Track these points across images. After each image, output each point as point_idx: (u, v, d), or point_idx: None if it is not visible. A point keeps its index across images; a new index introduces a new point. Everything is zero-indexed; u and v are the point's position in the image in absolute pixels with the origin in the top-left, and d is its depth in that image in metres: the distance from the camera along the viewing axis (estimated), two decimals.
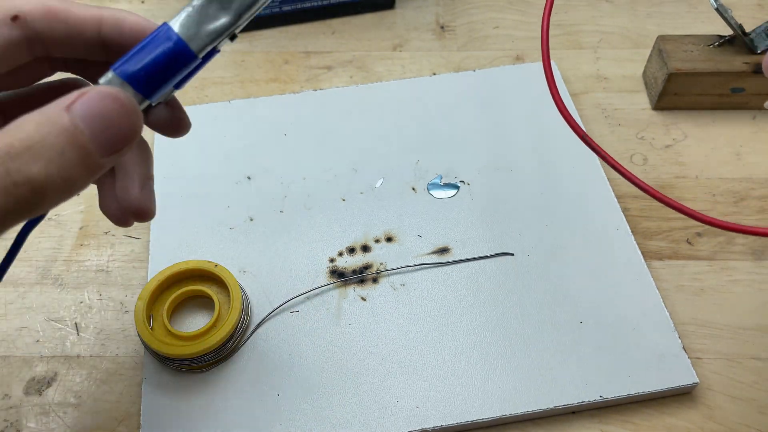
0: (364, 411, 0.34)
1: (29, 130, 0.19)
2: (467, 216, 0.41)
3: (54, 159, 0.20)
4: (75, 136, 0.20)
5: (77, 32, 0.24)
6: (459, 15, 0.55)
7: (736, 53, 0.45)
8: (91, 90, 0.21)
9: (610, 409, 0.35)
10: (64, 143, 0.20)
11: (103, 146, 0.21)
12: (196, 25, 0.23)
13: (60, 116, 0.20)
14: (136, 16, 0.25)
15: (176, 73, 0.23)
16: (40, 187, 0.19)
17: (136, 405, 0.35)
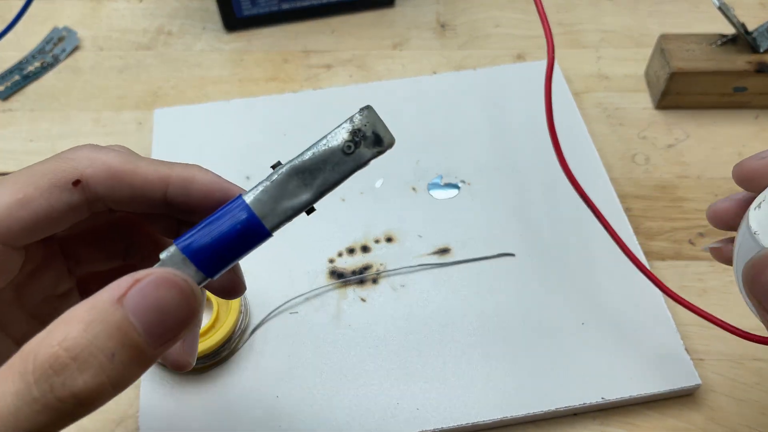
0: (364, 413, 0.34)
1: (76, 335, 0.17)
2: (468, 216, 0.41)
3: (104, 365, 0.18)
4: (128, 334, 0.18)
5: (141, 194, 0.23)
6: (459, 13, 0.54)
7: (738, 52, 0.45)
8: (145, 277, 0.19)
9: (612, 411, 0.35)
10: (116, 345, 0.18)
11: (158, 339, 0.19)
12: (272, 201, 0.21)
13: (112, 312, 0.18)
14: (206, 174, 0.24)
15: (245, 251, 0.21)
16: (87, 399, 0.18)
17: (134, 407, 0.35)
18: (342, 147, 0.21)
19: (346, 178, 0.22)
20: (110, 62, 0.51)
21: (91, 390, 0.18)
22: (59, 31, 0.53)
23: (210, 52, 0.52)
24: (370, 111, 0.21)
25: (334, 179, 0.22)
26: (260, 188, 0.21)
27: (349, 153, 0.21)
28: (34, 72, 0.51)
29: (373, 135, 0.21)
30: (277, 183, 0.21)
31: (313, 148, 0.21)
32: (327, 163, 0.21)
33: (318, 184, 0.21)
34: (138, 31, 0.53)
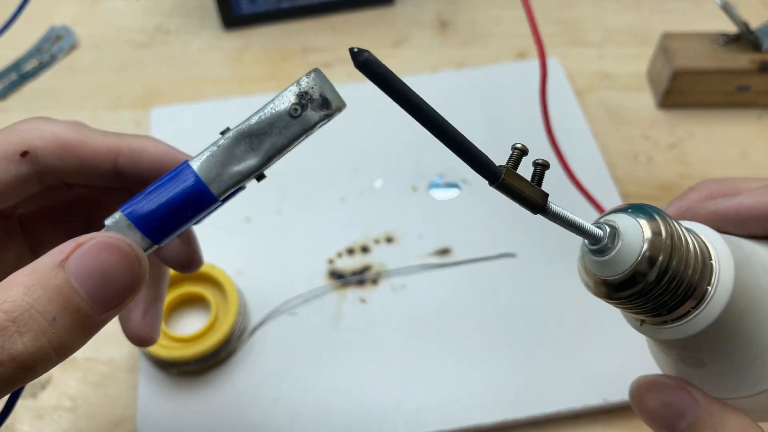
0: (363, 415, 0.33)
1: (16, 298, 0.17)
2: (468, 216, 0.41)
3: (45, 329, 0.17)
4: (70, 298, 0.18)
5: (91, 165, 0.23)
6: (460, 11, 0.54)
7: (741, 51, 0.44)
8: (88, 240, 0.19)
9: (615, 413, 0.34)
10: (57, 308, 0.18)
11: (103, 304, 0.19)
12: (219, 166, 0.21)
13: (53, 275, 0.18)
14: (158, 144, 0.23)
15: (192, 217, 0.21)
16: (28, 362, 0.17)
17: (132, 409, 0.35)
18: (289, 110, 0.21)
19: (294, 142, 0.21)
20: (107, 61, 0.51)
21: (31, 353, 0.17)
22: (56, 29, 0.52)
23: (208, 50, 0.52)
24: (318, 73, 0.21)
25: (281, 143, 0.21)
26: (207, 154, 0.21)
27: (296, 116, 0.21)
28: (31, 71, 0.50)
29: (320, 98, 0.21)
30: (224, 148, 0.21)
31: (260, 112, 0.21)
32: (274, 127, 0.21)
33: (265, 149, 0.21)
34: (135, 30, 0.53)
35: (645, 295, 0.18)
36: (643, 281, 0.18)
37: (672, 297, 0.18)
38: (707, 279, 0.19)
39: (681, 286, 0.18)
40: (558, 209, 0.20)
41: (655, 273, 0.18)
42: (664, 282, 0.18)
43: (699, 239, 0.19)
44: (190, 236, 0.26)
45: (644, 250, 0.18)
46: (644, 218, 0.18)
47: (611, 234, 0.19)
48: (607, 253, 0.19)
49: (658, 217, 0.18)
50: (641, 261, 0.18)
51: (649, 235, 0.18)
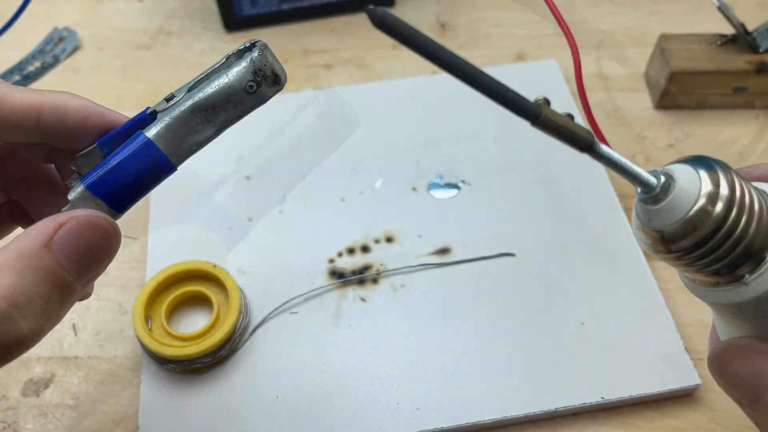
0: (363, 413, 0.34)
1: (11, 283, 0.18)
2: (468, 216, 0.41)
3: (43, 308, 0.19)
4: (60, 276, 0.19)
5: (11, 122, 0.22)
6: (459, 13, 0.54)
7: (738, 52, 0.45)
8: (68, 220, 0.20)
9: (612, 411, 0.35)
10: (50, 287, 0.19)
11: (86, 277, 0.20)
12: (177, 138, 0.22)
13: (41, 256, 0.19)
14: (78, 99, 0.23)
15: (152, 186, 0.22)
16: (30, 341, 0.18)
17: (134, 407, 0.35)
18: (245, 87, 0.22)
19: (247, 114, 0.23)
20: (110, 62, 0.51)
21: (33, 333, 0.18)
22: (59, 31, 0.53)
23: (210, 51, 0.52)
24: (267, 50, 0.22)
25: (236, 116, 0.22)
26: (162, 125, 0.22)
27: (251, 92, 0.22)
28: (35, 72, 0.51)
29: (272, 74, 0.22)
30: (181, 120, 0.22)
31: (214, 86, 0.22)
32: (229, 101, 0.22)
33: (221, 121, 0.22)
34: (138, 31, 0.53)
35: (701, 249, 0.17)
36: (696, 233, 0.17)
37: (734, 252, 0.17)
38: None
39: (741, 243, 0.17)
40: (607, 149, 0.18)
41: (711, 225, 0.17)
42: (720, 235, 0.17)
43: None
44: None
45: (700, 198, 0.17)
46: (704, 169, 0.18)
47: (666, 182, 0.18)
48: (660, 202, 0.18)
49: (720, 169, 0.17)
50: (697, 211, 0.17)
51: (707, 185, 0.17)
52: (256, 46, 0.22)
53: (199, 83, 0.22)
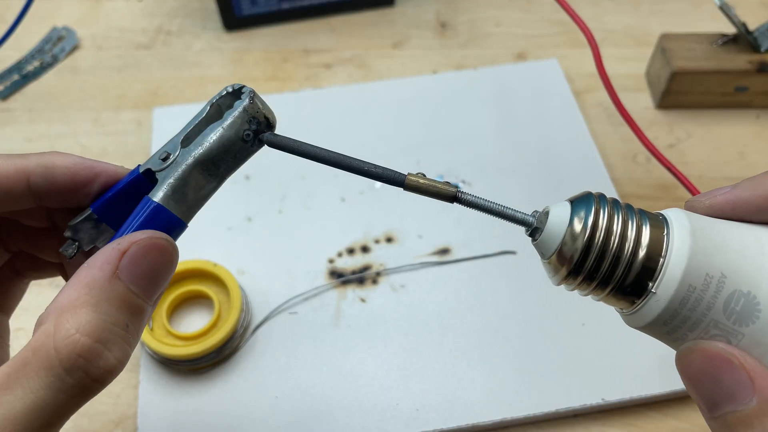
0: (363, 414, 0.33)
1: (90, 318, 0.19)
2: (468, 216, 0.41)
3: (124, 337, 0.19)
4: (133, 302, 0.20)
5: (4, 191, 0.22)
6: (460, 12, 0.54)
7: (739, 52, 0.45)
8: (132, 245, 0.20)
9: (613, 412, 0.34)
10: (127, 315, 0.19)
11: (155, 296, 0.21)
12: (183, 197, 0.22)
13: (112, 287, 0.19)
14: (66, 157, 0.23)
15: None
16: (117, 369, 0.19)
17: (133, 407, 0.35)
18: (242, 136, 0.22)
19: (247, 160, 0.23)
20: (109, 62, 0.51)
21: (120, 361, 0.19)
22: (58, 30, 0.53)
23: (209, 51, 0.52)
24: (256, 96, 0.22)
25: (236, 165, 0.22)
26: (168, 187, 0.21)
27: (248, 140, 0.22)
28: (33, 72, 0.50)
29: (265, 119, 0.22)
30: (185, 179, 0.22)
31: (211, 139, 0.22)
32: (229, 152, 0.22)
33: (221, 173, 0.22)
34: (137, 31, 0.53)
35: (582, 272, 0.20)
36: (574, 254, 0.19)
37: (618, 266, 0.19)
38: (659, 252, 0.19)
39: (621, 257, 0.19)
40: (473, 198, 0.22)
41: (580, 246, 0.19)
42: (594, 254, 0.19)
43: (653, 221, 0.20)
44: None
45: (570, 227, 0.20)
46: (577, 202, 0.20)
47: (540, 218, 0.21)
48: (541, 234, 0.21)
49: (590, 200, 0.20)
50: (566, 236, 0.20)
51: (577, 216, 0.20)
52: (244, 92, 0.22)
53: (191, 136, 0.22)
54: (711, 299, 0.19)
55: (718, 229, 0.20)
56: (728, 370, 0.18)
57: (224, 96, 0.22)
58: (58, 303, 0.19)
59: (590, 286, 0.20)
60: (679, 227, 0.19)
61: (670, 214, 0.20)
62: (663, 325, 0.19)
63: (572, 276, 0.20)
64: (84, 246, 0.23)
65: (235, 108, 0.22)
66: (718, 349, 0.19)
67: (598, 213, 0.20)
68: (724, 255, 0.19)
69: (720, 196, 0.21)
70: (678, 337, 0.19)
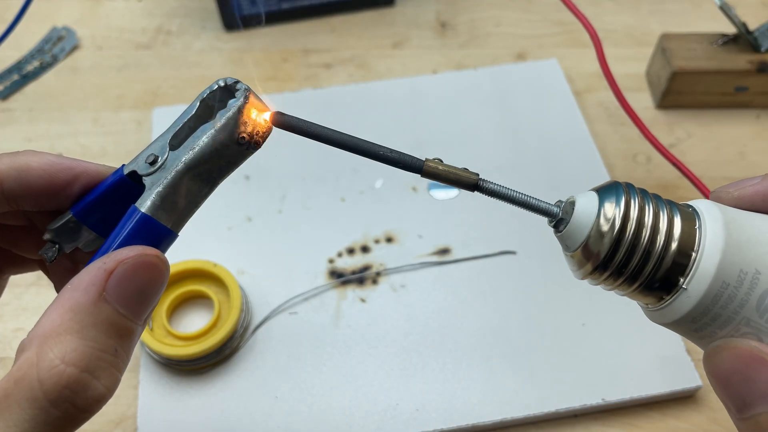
0: (363, 414, 0.33)
1: (75, 346, 0.17)
2: (468, 216, 0.41)
3: (113, 362, 0.18)
4: (121, 324, 0.18)
5: None
6: (460, 12, 0.54)
7: (739, 52, 0.45)
8: (119, 264, 0.18)
9: (613, 412, 0.34)
10: (115, 339, 0.18)
11: (144, 315, 0.19)
12: (173, 205, 0.20)
13: (98, 310, 0.18)
14: (40, 157, 0.21)
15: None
16: (107, 396, 0.18)
17: (133, 407, 0.35)
18: (236, 140, 0.20)
19: (241, 163, 0.20)
20: (109, 62, 0.51)
21: (109, 389, 0.18)
22: (58, 30, 0.53)
23: (209, 51, 0.52)
24: (251, 93, 0.20)
25: (231, 170, 0.20)
26: (156, 195, 0.19)
27: (243, 143, 0.20)
28: (33, 71, 0.50)
29: (261, 119, 0.20)
30: (174, 186, 0.19)
31: (203, 143, 0.19)
32: (222, 156, 0.20)
33: (215, 178, 0.20)
34: (137, 31, 0.53)
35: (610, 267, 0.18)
36: (603, 246, 0.18)
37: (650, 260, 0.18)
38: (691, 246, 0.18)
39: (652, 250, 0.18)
40: (495, 186, 0.20)
41: (612, 237, 0.18)
42: (626, 246, 0.18)
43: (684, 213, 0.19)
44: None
45: (599, 217, 0.18)
46: (604, 191, 0.19)
47: (566, 207, 0.19)
48: (566, 226, 0.19)
49: (619, 190, 0.18)
50: (596, 226, 0.18)
51: (606, 206, 0.18)
52: (239, 90, 0.20)
53: (180, 136, 0.20)
54: (744, 296, 0.18)
55: (751, 221, 0.18)
56: (761, 369, 0.18)
57: (215, 91, 0.20)
58: (40, 329, 0.18)
59: (617, 281, 0.19)
60: (711, 220, 0.18)
61: (700, 205, 0.19)
62: (691, 322, 0.18)
63: (599, 271, 0.19)
64: (65, 249, 0.22)
65: (228, 108, 0.20)
66: (751, 348, 0.18)
67: (629, 205, 0.18)
68: (758, 249, 0.18)
69: (750, 187, 0.20)
70: (706, 334, 0.19)
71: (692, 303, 0.18)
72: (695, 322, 0.18)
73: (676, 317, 0.18)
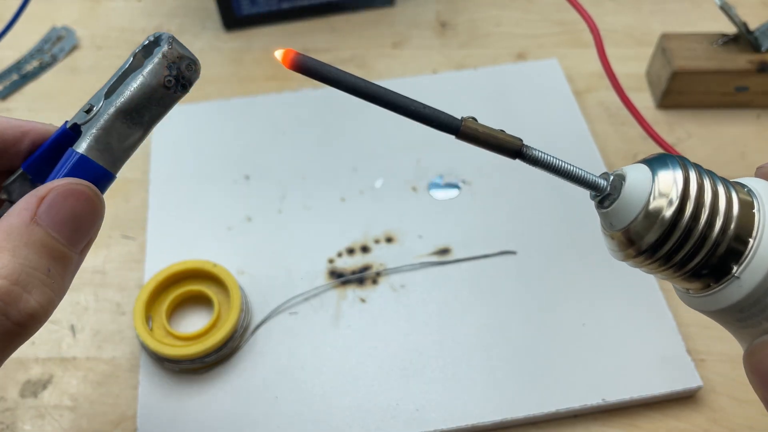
0: (363, 414, 0.33)
1: (7, 263, 0.18)
2: (468, 216, 0.41)
3: (45, 281, 0.19)
4: (54, 247, 0.19)
5: None
6: (460, 12, 0.54)
7: (740, 51, 0.45)
8: (50, 191, 0.20)
9: (614, 413, 0.34)
10: (48, 260, 0.19)
11: (80, 243, 0.20)
12: (108, 147, 0.22)
13: (31, 232, 0.19)
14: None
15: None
16: (41, 314, 0.19)
17: (133, 408, 0.35)
18: (163, 83, 0.22)
19: (172, 106, 0.23)
20: (109, 61, 0.51)
21: (43, 307, 0.19)
22: (57, 30, 0.53)
23: (209, 51, 0.52)
24: (175, 41, 0.22)
25: (161, 112, 0.23)
26: (91, 138, 0.22)
27: (170, 86, 0.22)
28: (33, 71, 0.50)
29: (187, 62, 0.22)
30: (108, 129, 0.22)
31: (132, 88, 0.22)
32: (151, 100, 0.22)
33: (147, 121, 0.22)
34: (136, 30, 0.53)
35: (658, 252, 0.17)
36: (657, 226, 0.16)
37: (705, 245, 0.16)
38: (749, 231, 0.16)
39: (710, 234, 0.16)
40: (540, 153, 0.18)
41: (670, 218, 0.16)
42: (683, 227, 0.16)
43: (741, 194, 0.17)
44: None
45: (653, 192, 0.16)
46: (658, 165, 0.17)
47: (615, 181, 0.17)
48: (613, 202, 0.17)
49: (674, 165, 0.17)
50: (654, 203, 0.16)
51: (661, 180, 0.16)
52: (163, 38, 0.22)
53: (114, 87, 0.22)
54: None
55: None
56: None
57: (147, 45, 0.22)
58: None
59: (662, 267, 0.17)
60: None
61: (755, 185, 0.17)
62: (738, 312, 0.17)
63: (645, 255, 0.17)
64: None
65: (154, 54, 0.22)
66: None
67: (688, 183, 0.16)
68: None
69: None
70: (750, 324, 0.17)
71: (744, 293, 0.16)
72: (742, 311, 0.17)
73: (722, 306, 0.17)
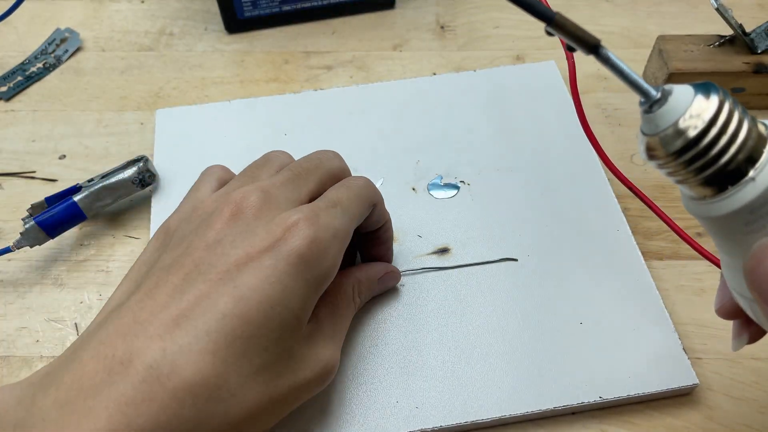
0: (362, 411, 0.34)
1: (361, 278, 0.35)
2: (467, 216, 0.41)
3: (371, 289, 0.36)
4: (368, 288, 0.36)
5: None
6: (459, 15, 0.55)
7: (736, 53, 0.45)
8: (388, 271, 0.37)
9: (611, 410, 0.35)
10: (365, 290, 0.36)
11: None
12: (90, 203, 0.39)
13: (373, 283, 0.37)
14: None
15: (74, 224, 0.39)
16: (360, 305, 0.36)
17: None
18: (132, 180, 0.40)
19: (133, 194, 0.41)
20: (112, 63, 0.52)
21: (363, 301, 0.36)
22: (61, 32, 0.53)
23: (211, 53, 0.52)
24: (149, 162, 0.41)
25: (126, 194, 0.40)
26: (83, 195, 0.39)
27: (136, 184, 0.40)
28: (37, 73, 0.51)
29: (149, 176, 0.41)
30: (94, 194, 0.39)
31: (115, 178, 0.40)
32: (122, 187, 0.40)
33: (116, 196, 0.40)
34: (140, 33, 0.54)
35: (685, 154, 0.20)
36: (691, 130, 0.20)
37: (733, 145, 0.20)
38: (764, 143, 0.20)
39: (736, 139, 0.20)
40: (612, 55, 0.22)
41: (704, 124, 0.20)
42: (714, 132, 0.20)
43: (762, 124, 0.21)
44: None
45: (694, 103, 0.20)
46: (700, 88, 0.21)
47: (665, 91, 0.21)
48: (659, 108, 0.21)
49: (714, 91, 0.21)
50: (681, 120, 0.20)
51: (700, 95, 0.20)
52: (142, 159, 0.40)
53: (108, 174, 0.40)
54: None
55: None
56: None
57: (133, 160, 0.41)
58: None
59: (683, 169, 0.21)
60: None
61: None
62: (749, 213, 0.20)
63: (672, 157, 0.21)
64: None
65: (135, 165, 0.40)
66: None
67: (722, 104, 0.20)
68: None
69: None
70: (755, 229, 0.20)
71: (758, 192, 0.20)
72: (752, 213, 0.20)
73: (735, 207, 0.20)
